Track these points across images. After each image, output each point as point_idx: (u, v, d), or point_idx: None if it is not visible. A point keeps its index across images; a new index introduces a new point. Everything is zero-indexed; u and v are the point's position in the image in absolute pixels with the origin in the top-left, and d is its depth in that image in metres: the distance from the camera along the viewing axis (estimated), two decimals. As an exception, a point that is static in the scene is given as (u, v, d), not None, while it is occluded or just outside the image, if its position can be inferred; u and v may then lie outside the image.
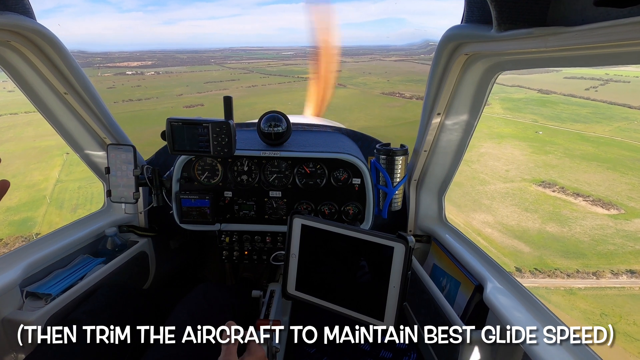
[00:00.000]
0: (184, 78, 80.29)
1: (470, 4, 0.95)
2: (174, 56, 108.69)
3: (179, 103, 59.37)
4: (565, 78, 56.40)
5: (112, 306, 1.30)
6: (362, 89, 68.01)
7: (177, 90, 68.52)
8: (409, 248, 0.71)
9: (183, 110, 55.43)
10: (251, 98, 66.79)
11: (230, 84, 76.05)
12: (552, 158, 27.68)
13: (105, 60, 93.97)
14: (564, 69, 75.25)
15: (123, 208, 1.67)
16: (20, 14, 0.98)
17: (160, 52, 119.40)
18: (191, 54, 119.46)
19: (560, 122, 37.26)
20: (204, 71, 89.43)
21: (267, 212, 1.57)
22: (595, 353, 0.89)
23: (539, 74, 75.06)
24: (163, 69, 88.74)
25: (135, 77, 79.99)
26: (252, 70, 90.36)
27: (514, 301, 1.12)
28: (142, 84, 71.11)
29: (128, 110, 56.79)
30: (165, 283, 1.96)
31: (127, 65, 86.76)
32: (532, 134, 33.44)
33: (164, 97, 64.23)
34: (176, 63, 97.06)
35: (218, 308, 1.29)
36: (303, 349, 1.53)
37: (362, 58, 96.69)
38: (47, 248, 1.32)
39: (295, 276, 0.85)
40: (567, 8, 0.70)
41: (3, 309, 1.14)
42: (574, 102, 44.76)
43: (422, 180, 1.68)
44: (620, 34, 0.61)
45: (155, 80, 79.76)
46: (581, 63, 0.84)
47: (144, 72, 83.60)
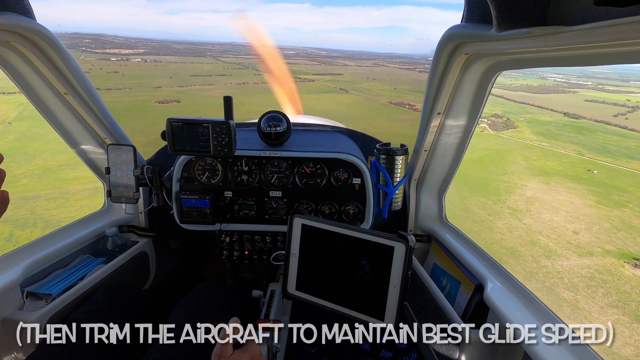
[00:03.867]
0: (171, 69, 76.83)
1: (470, 3, 0.95)
2: (170, 46, 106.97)
3: (153, 97, 54.81)
4: (586, 101, 54.59)
5: (113, 306, 1.31)
6: (367, 95, 65.83)
7: (158, 82, 64.86)
8: (409, 247, 0.71)
9: (154, 105, 50.64)
10: (237, 97, 64.18)
11: (218, 79, 72.74)
12: (630, 215, 20.85)
13: (95, 43, 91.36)
14: (581, 91, 73.26)
15: (123, 208, 1.67)
16: (20, 14, 0.98)
17: (157, 41, 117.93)
18: (188, 45, 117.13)
19: (612, 157, 31.46)
20: (196, 63, 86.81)
21: (267, 212, 1.57)
22: (595, 352, 0.89)
23: (556, 94, 72.89)
24: (152, 57, 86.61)
25: (118, 62, 77.04)
26: (247, 67, 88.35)
27: (514, 301, 1.12)
28: (121, 71, 67.71)
29: None
30: (165, 283, 1.96)
31: (117, 52, 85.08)
32: (584, 171, 28.02)
33: (139, 88, 60.25)
34: (170, 53, 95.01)
35: (218, 308, 1.29)
36: (303, 348, 1.53)
37: (365, 62, 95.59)
38: (47, 248, 1.32)
39: (296, 276, 0.85)
40: (567, 7, 0.70)
41: (3, 309, 1.14)
42: (611, 131, 39.46)
43: (423, 180, 1.68)
44: (620, 33, 0.61)
45: (139, 68, 76.39)
46: (581, 62, 0.84)
47: (129, 59, 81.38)
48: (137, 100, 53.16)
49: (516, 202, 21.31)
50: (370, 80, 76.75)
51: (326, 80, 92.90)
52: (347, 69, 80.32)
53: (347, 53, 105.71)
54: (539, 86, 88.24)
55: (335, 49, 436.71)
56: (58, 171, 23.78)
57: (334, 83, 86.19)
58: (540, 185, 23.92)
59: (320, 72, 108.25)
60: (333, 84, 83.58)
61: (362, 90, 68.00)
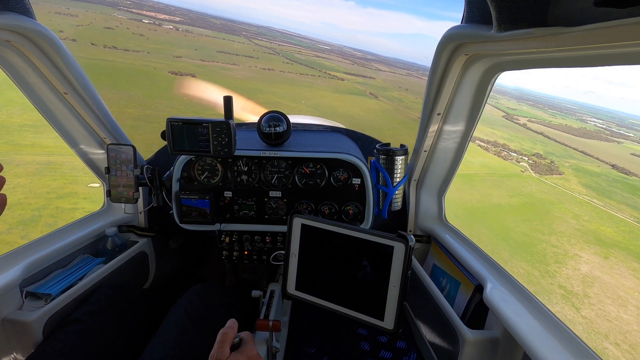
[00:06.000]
0: (199, 41, 73.71)
1: (470, 4, 0.95)
2: (207, 19, 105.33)
3: (169, 66, 50.99)
4: (631, 154, 51.14)
5: (112, 306, 1.31)
6: (397, 105, 62.72)
7: (180, 51, 61.92)
8: (409, 247, 0.71)
9: (165, 75, 46.84)
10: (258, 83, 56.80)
11: (244, 60, 69.73)
12: None
13: (135, 5, 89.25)
14: (625, 142, 70.06)
15: (123, 208, 1.67)
16: (20, 14, 0.98)
17: (195, 13, 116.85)
18: (225, 22, 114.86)
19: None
20: (227, 40, 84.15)
21: (267, 212, 1.57)
22: (595, 352, 0.89)
23: (599, 141, 69.64)
24: (185, 26, 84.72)
25: (148, 26, 74.08)
26: (278, 53, 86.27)
27: (514, 301, 1.12)
28: (147, 34, 64.78)
29: (96, 57, 46.20)
30: (165, 283, 1.96)
31: (153, 15, 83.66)
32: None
33: (157, 54, 56.54)
34: (205, 26, 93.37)
35: (215, 309, 1.29)
36: (303, 349, 1.53)
37: (399, 70, 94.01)
38: (47, 248, 1.32)
39: (295, 276, 0.84)
40: (567, 8, 0.70)
41: (3, 309, 1.13)
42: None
43: (422, 180, 1.68)
44: (620, 34, 0.61)
45: (167, 35, 73.29)
46: (581, 63, 0.84)
47: (161, 24, 79.42)
48: (150, 66, 49.60)
49: (569, 279, 16.50)
50: (402, 90, 74.65)
51: (357, 81, 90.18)
52: (379, 74, 78.91)
53: (382, 58, 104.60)
54: (580, 129, 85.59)
55: (371, 51, 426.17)
56: (16, 132, 20.52)
57: (364, 86, 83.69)
58: (597, 259, 18.79)
59: (351, 72, 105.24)
60: (363, 87, 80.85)
61: (392, 98, 65.44)
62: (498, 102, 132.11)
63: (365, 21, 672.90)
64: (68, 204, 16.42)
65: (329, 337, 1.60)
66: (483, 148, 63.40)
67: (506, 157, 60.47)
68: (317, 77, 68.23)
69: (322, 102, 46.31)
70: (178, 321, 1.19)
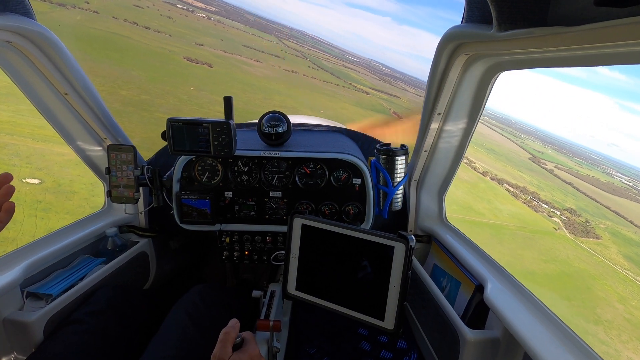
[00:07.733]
0: (228, 33, 70.54)
1: (470, 3, 0.95)
2: (242, 14, 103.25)
3: (187, 52, 46.64)
4: None
5: (113, 306, 1.31)
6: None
7: (204, 39, 58.70)
8: (409, 247, 0.71)
9: (180, 60, 42.89)
10: (277, 84, 52.43)
11: (268, 58, 66.53)
12: None
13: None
14: None
15: (123, 208, 1.67)
16: (21, 14, 0.99)
17: (232, 6, 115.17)
18: (260, 19, 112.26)
19: None
20: (257, 36, 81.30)
21: (268, 212, 1.57)
22: (595, 352, 0.89)
23: (628, 199, 62.00)
24: (219, 17, 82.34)
25: (179, 10, 71.03)
26: (305, 57, 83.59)
27: (514, 301, 1.12)
28: (175, 18, 61.42)
29: (111, 31, 41.55)
30: (165, 283, 1.96)
31: (190, 2, 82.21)
32: None
33: (179, 38, 52.91)
34: (239, 20, 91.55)
35: (216, 309, 1.29)
36: (303, 349, 1.52)
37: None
38: (47, 248, 1.32)
39: (296, 276, 0.85)
40: (567, 8, 0.70)
41: (3, 309, 1.13)
42: None
43: (423, 180, 1.68)
44: (620, 33, 0.61)
45: (197, 23, 70.20)
46: (582, 63, 0.84)
47: (194, 11, 77.17)
48: (166, 49, 45.36)
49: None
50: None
51: (381, 97, 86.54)
52: (405, 94, 76.87)
53: (409, 78, 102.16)
54: (607, 183, 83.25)
55: (399, 70, 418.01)
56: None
57: (388, 104, 79.58)
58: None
59: (377, 88, 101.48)
60: (387, 104, 77.02)
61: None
62: (524, 142, 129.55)
63: (397, 39, 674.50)
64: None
65: (329, 337, 1.60)
66: (512, 194, 59.31)
67: (537, 207, 56.21)
68: (341, 87, 65.89)
69: (341, 114, 42.33)
70: (179, 321, 1.19)
